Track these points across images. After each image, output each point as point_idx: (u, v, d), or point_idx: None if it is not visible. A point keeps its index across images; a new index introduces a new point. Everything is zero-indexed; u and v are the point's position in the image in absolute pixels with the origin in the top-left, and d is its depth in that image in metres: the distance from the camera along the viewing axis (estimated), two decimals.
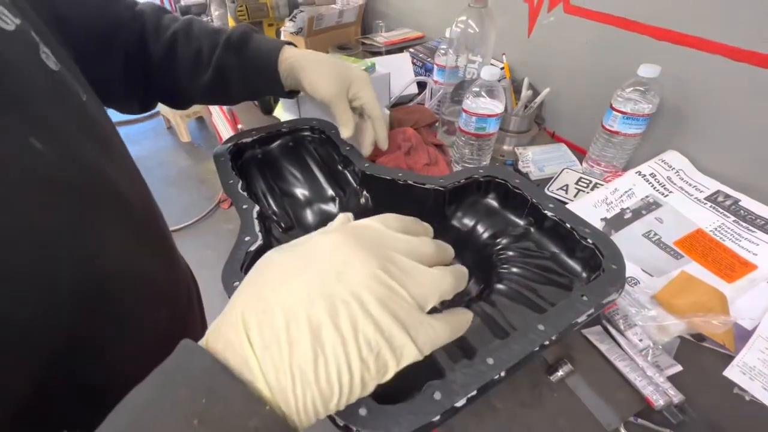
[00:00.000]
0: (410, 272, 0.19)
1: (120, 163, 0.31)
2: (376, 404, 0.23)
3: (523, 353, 0.27)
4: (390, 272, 0.18)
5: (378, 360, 0.18)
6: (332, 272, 0.18)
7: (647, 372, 0.37)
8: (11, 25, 0.23)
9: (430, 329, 0.19)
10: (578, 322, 0.29)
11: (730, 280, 0.44)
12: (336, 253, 0.19)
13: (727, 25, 0.48)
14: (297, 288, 0.17)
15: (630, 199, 0.54)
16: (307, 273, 0.18)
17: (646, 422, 0.34)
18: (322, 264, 0.18)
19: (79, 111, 0.27)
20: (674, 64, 0.53)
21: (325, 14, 0.93)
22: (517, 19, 0.74)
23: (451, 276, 0.21)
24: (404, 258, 0.20)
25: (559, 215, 0.36)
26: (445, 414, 0.24)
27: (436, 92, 0.74)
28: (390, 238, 0.21)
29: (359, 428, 0.22)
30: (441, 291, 0.20)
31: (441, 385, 0.24)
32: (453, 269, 0.22)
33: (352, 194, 0.48)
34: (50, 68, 0.25)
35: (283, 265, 0.19)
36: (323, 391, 0.17)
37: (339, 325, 0.17)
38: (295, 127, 0.52)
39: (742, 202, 0.51)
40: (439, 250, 0.22)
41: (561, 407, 0.36)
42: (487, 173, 0.41)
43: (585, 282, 0.35)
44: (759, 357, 0.38)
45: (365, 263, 0.18)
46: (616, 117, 0.55)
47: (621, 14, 0.58)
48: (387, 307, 0.18)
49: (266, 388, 0.16)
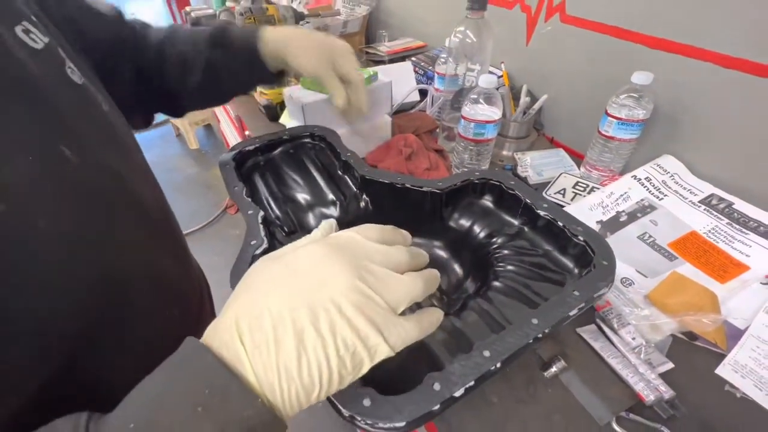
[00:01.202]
0: (384, 280, 0.22)
1: (138, 168, 0.34)
2: (379, 395, 0.25)
3: (517, 345, 0.28)
4: (366, 281, 0.21)
5: (354, 357, 0.20)
6: (315, 282, 0.21)
7: (639, 369, 0.38)
8: (40, 44, 0.25)
9: (401, 329, 0.21)
10: (570, 316, 0.31)
11: (723, 280, 0.45)
12: (318, 264, 0.21)
13: (718, 33, 0.49)
14: (284, 296, 0.20)
15: (625, 203, 0.55)
16: (293, 282, 0.21)
17: (637, 417, 0.35)
18: (307, 274, 0.21)
19: (102, 121, 0.30)
20: (667, 72, 0.54)
21: (330, 25, 0.96)
22: (516, 28, 0.76)
23: (422, 281, 0.23)
24: (379, 267, 0.22)
25: (552, 214, 0.38)
26: (445, 403, 0.25)
27: (437, 100, 0.76)
28: (368, 248, 0.23)
29: (364, 418, 0.24)
30: (412, 295, 0.22)
31: (440, 377, 0.26)
32: (424, 274, 0.24)
33: (352, 198, 0.49)
34: (75, 82, 0.28)
35: (272, 275, 0.22)
36: (305, 385, 0.19)
37: (320, 329, 0.19)
38: (296, 134, 0.54)
39: (735, 205, 0.52)
40: (413, 258, 0.24)
41: (555, 403, 0.37)
42: (483, 175, 0.42)
43: (577, 278, 0.37)
44: (750, 355, 0.39)
45: (344, 274, 0.21)
46: (611, 123, 0.57)
47: (615, 23, 0.60)
48: (363, 312, 0.20)
49: (256, 383, 0.18)
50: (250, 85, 0.55)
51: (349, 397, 0.25)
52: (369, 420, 0.24)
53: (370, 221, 0.50)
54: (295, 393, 0.19)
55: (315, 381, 0.19)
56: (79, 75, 0.28)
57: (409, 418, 0.24)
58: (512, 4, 0.75)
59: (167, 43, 0.46)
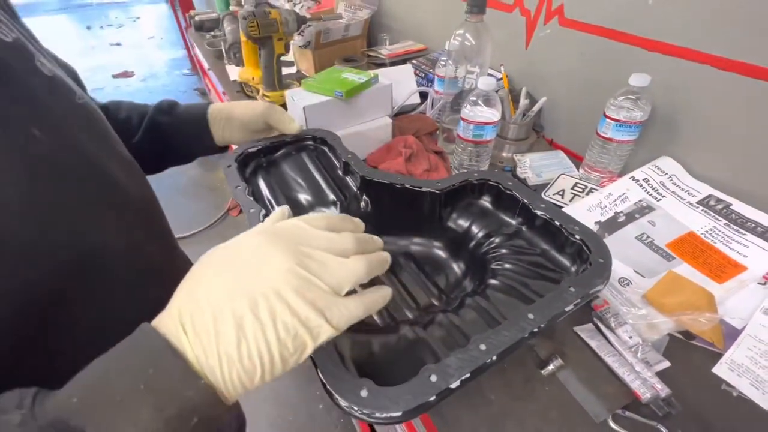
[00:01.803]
0: (326, 264, 0.23)
1: (118, 158, 0.35)
2: (376, 386, 0.25)
3: (513, 339, 0.29)
4: (306, 266, 0.22)
5: (296, 340, 0.21)
6: (254, 269, 0.22)
7: (636, 367, 0.38)
8: (9, 38, 0.28)
9: (344, 309, 0.23)
10: (566, 311, 0.31)
11: (721, 281, 0.45)
12: (258, 251, 0.23)
13: (714, 36, 0.50)
14: (224, 285, 0.21)
15: (624, 203, 0.56)
16: (234, 271, 0.22)
17: (633, 415, 0.36)
18: (247, 263, 0.22)
19: (76, 110, 0.31)
20: (664, 74, 0.55)
21: (332, 28, 0.97)
22: (516, 31, 0.77)
23: (365, 263, 0.24)
24: (321, 252, 0.23)
25: (549, 214, 0.38)
26: (441, 394, 0.26)
27: (437, 102, 0.77)
28: (311, 235, 0.24)
29: (361, 408, 0.24)
30: (355, 277, 0.23)
31: (437, 369, 0.26)
32: (369, 257, 0.25)
33: (352, 199, 0.50)
34: (45, 74, 0.29)
35: (216, 264, 0.23)
36: (247, 368, 0.20)
37: (258, 315, 0.20)
38: (297, 136, 0.55)
39: (733, 206, 0.52)
40: (360, 243, 0.26)
41: (552, 400, 0.37)
42: (481, 176, 0.43)
43: (574, 276, 0.37)
44: (747, 354, 0.40)
45: (283, 260, 0.22)
46: (609, 124, 0.57)
47: (613, 26, 0.60)
48: (303, 295, 0.21)
49: (198, 367, 0.20)
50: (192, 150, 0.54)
51: (346, 389, 0.25)
52: (366, 410, 0.24)
53: (371, 221, 0.51)
54: (237, 376, 0.20)
55: (256, 364, 0.20)
56: (49, 69, 0.30)
57: (405, 408, 0.24)
58: (512, 8, 0.76)
59: (111, 105, 0.48)
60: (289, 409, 1.20)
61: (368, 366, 0.31)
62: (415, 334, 0.36)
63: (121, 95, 3.15)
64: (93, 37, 4.59)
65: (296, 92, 0.67)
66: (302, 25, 0.81)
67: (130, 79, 3.47)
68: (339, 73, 0.69)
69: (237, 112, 0.50)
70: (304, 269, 0.22)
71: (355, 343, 0.34)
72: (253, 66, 0.89)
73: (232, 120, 0.50)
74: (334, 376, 0.26)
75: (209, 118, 0.50)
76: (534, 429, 0.35)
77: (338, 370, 0.26)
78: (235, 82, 1.03)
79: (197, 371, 0.19)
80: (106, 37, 4.55)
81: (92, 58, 3.90)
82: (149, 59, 3.87)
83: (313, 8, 1.28)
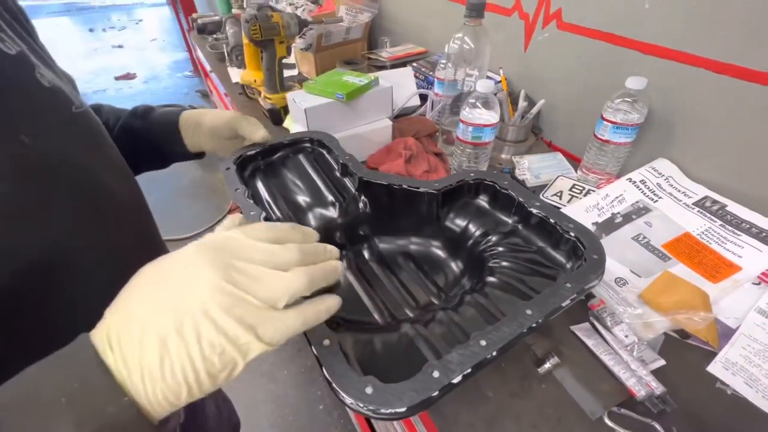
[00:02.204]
0: (259, 278, 0.22)
1: (112, 165, 0.37)
2: (380, 383, 0.26)
3: (512, 335, 0.29)
4: (236, 281, 0.21)
5: (223, 357, 0.21)
6: (183, 285, 0.21)
7: (631, 365, 0.39)
8: (13, 51, 0.29)
9: (279, 323, 0.22)
10: (562, 307, 0.32)
11: (716, 281, 0.46)
12: (189, 267, 0.22)
13: (708, 40, 0.51)
14: (152, 301, 0.21)
15: (621, 205, 0.56)
16: (163, 287, 0.22)
17: (628, 412, 0.36)
18: (177, 279, 0.22)
19: (70, 118, 0.33)
20: (660, 77, 0.56)
21: (333, 31, 0.98)
22: (515, 35, 0.78)
23: (305, 276, 0.23)
24: (255, 265, 0.22)
25: (544, 212, 0.39)
26: (443, 390, 0.26)
27: (437, 104, 0.78)
28: (247, 247, 0.23)
29: (366, 404, 0.25)
30: (291, 290, 0.22)
31: (439, 365, 0.27)
32: (311, 269, 0.24)
33: (351, 200, 0.51)
34: (44, 85, 0.31)
35: (149, 278, 0.23)
36: (171, 386, 0.20)
37: (183, 333, 0.20)
38: (295, 139, 0.56)
39: (728, 207, 0.53)
40: (304, 254, 0.24)
41: (548, 397, 0.38)
42: (477, 176, 0.44)
43: (569, 272, 0.38)
44: (741, 353, 0.40)
45: (212, 276, 0.21)
46: (606, 126, 0.58)
47: (610, 30, 0.61)
48: (231, 312, 0.21)
49: (123, 383, 0.20)
50: (165, 155, 0.54)
51: (352, 386, 0.26)
52: (371, 406, 0.25)
53: (369, 222, 0.52)
54: (161, 393, 0.20)
55: (181, 382, 0.20)
56: (49, 80, 0.32)
57: (409, 403, 0.25)
58: (511, 11, 0.77)
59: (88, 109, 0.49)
60: (289, 410, 1.20)
61: (372, 364, 0.32)
62: (416, 332, 0.37)
63: (124, 97, 3.17)
64: (95, 39, 4.62)
65: (298, 94, 0.68)
66: (303, 28, 0.82)
67: (132, 81, 3.48)
68: (340, 75, 0.70)
69: (206, 118, 0.50)
70: (233, 284, 0.21)
71: (357, 342, 0.35)
72: (255, 68, 0.90)
73: (201, 127, 0.50)
74: (339, 374, 0.27)
75: (180, 124, 0.50)
76: (531, 426, 0.36)
77: (343, 369, 0.27)
78: (237, 84, 1.04)
79: (122, 387, 0.19)
80: (108, 40, 4.58)
81: (95, 60, 3.93)
82: (151, 61, 3.90)
83: (315, 11, 1.29)
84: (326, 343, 0.29)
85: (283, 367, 1.31)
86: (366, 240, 0.51)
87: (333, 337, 0.29)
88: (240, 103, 0.97)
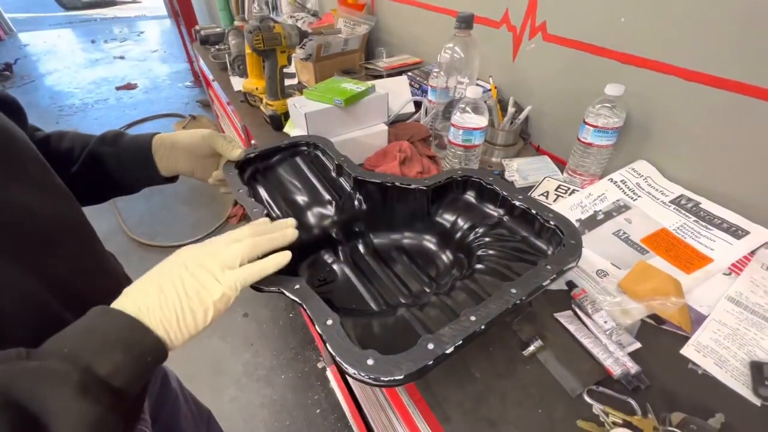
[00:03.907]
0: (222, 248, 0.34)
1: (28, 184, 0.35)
2: (381, 355, 0.29)
3: (499, 311, 0.33)
4: (207, 250, 0.34)
5: (200, 295, 0.31)
6: (173, 259, 0.33)
7: (609, 348, 0.41)
8: None
9: (233, 274, 0.32)
10: (543, 285, 0.35)
11: (689, 271, 0.49)
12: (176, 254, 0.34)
13: (679, 50, 0.55)
14: (152, 273, 0.32)
15: (602, 203, 0.60)
16: (159, 267, 0.33)
17: (606, 390, 0.39)
18: (169, 260, 0.33)
19: None
20: (637, 84, 0.60)
21: (332, 42, 1.03)
22: (503, 46, 0.82)
23: (249, 242, 0.35)
24: (220, 244, 0.35)
25: (526, 204, 0.42)
26: (437, 359, 0.29)
27: (431, 110, 0.82)
28: (218, 239, 0.36)
29: (367, 374, 0.28)
30: (239, 253, 0.34)
31: (433, 338, 0.30)
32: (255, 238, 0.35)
33: (346, 198, 0.54)
34: None
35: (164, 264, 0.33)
36: (165, 314, 0.29)
37: (174, 282, 0.31)
38: (292, 142, 0.59)
39: (702, 204, 0.56)
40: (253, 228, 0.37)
41: (532, 377, 0.40)
42: (464, 173, 0.47)
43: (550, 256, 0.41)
44: (712, 337, 0.43)
45: (191, 252, 0.34)
46: (589, 130, 0.62)
47: (590, 41, 0.66)
48: (202, 266, 0.32)
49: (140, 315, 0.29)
50: (135, 180, 0.53)
51: (354, 358, 0.29)
52: (372, 375, 0.28)
53: (364, 219, 0.55)
54: (159, 320, 0.29)
55: (171, 311, 0.29)
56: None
57: (407, 371, 0.28)
58: (499, 24, 0.82)
59: (54, 136, 0.49)
60: (287, 414, 1.21)
61: (371, 342, 0.34)
62: (412, 314, 0.39)
63: (124, 107, 3.21)
64: (97, 50, 4.69)
65: (298, 100, 0.71)
66: (304, 39, 0.86)
67: (133, 91, 3.54)
68: (338, 83, 0.74)
69: (181, 139, 0.51)
70: (204, 253, 0.33)
71: (357, 324, 0.37)
72: (257, 77, 0.94)
73: (177, 148, 0.51)
74: (343, 348, 0.30)
75: (153, 148, 0.50)
76: (516, 403, 0.38)
77: (346, 344, 0.30)
78: (239, 92, 1.08)
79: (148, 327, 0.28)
80: (110, 51, 4.65)
81: (96, 71, 3.98)
82: (152, 72, 3.96)
83: (315, 23, 1.35)
84: (329, 323, 0.32)
85: (280, 372, 1.32)
86: (361, 236, 0.54)
87: (335, 317, 0.32)
88: (242, 110, 1.00)
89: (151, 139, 0.51)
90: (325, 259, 0.51)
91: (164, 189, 2.29)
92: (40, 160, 0.38)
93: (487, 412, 0.38)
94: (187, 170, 0.53)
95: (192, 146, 0.51)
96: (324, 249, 0.52)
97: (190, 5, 2.67)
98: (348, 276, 0.49)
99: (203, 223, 1.97)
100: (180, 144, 0.51)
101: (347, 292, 0.47)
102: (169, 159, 0.51)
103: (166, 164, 0.51)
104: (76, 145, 0.49)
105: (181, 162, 0.52)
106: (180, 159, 0.52)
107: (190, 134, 0.51)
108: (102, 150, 0.49)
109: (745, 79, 0.50)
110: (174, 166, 0.52)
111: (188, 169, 0.53)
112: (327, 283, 0.48)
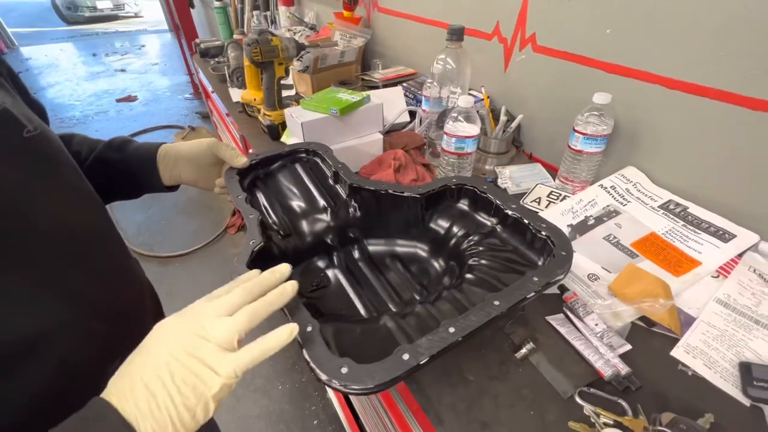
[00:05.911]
0: (213, 327, 0.28)
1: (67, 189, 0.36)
2: (355, 364, 0.29)
3: (479, 323, 0.33)
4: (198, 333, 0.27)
5: (195, 390, 0.26)
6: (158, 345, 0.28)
7: (600, 350, 0.42)
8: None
9: (232, 361, 0.27)
10: (528, 298, 0.35)
11: (678, 274, 0.50)
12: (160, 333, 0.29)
13: (662, 59, 0.57)
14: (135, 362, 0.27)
15: (593, 208, 0.61)
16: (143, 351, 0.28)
17: (597, 391, 0.39)
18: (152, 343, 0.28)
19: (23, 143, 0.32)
20: (624, 93, 0.62)
21: (328, 54, 1.05)
22: (495, 57, 0.85)
23: (246, 315, 0.29)
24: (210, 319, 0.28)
25: (519, 213, 0.43)
26: (410, 370, 0.29)
27: (425, 120, 0.83)
28: (204, 310, 0.29)
29: (339, 381, 0.28)
30: (237, 330, 0.28)
31: (409, 349, 0.30)
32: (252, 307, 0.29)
33: (342, 205, 0.55)
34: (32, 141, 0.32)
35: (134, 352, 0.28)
36: (158, 420, 0.25)
37: (162, 377, 0.26)
38: (292, 149, 0.60)
39: (690, 209, 0.57)
40: (246, 294, 0.30)
41: (525, 380, 0.41)
42: (458, 181, 0.48)
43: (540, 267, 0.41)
44: (701, 339, 0.44)
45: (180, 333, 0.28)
46: (578, 138, 0.63)
47: (578, 52, 0.68)
48: (194, 354, 0.26)
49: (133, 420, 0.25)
50: (138, 186, 0.54)
51: (328, 366, 0.29)
52: (342, 382, 0.28)
53: (359, 225, 0.56)
54: (152, 428, 0.24)
55: (165, 415, 0.25)
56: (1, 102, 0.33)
57: (379, 381, 0.28)
58: (491, 36, 0.84)
59: (63, 139, 0.47)
60: (284, 425, 1.20)
61: (350, 351, 0.35)
62: (395, 323, 0.40)
63: (124, 119, 3.24)
64: (98, 63, 4.76)
65: (295, 110, 0.73)
66: (301, 51, 0.88)
67: (133, 103, 3.58)
68: (334, 93, 0.76)
69: (184, 150, 0.52)
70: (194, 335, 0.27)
71: (338, 331, 0.38)
72: (255, 88, 0.96)
73: (180, 159, 0.52)
74: (318, 355, 0.30)
75: (158, 158, 0.51)
76: (508, 405, 0.39)
77: (322, 351, 0.30)
78: (237, 103, 1.10)
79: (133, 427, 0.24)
80: (111, 64, 4.72)
81: (97, 84, 4.03)
82: (153, 84, 4.01)
83: (312, 36, 1.38)
84: (309, 329, 0.32)
85: (277, 383, 1.31)
86: (356, 242, 0.54)
87: (315, 324, 0.33)
88: (241, 121, 1.02)
89: (157, 149, 0.52)
90: (319, 265, 0.52)
91: (163, 199, 2.30)
92: (72, 164, 0.39)
93: (480, 414, 0.38)
94: (191, 179, 0.54)
95: (196, 155, 0.52)
96: (318, 255, 0.52)
97: (190, 19, 2.72)
98: (340, 282, 0.50)
99: (201, 233, 1.98)
100: (184, 154, 0.52)
101: (338, 297, 0.48)
102: (173, 169, 0.52)
103: (170, 174, 0.53)
104: (84, 148, 0.50)
105: (184, 172, 0.53)
106: (184, 169, 0.53)
107: (194, 144, 0.52)
108: (109, 156, 0.50)
109: (725, 87, 0.51)
110: (178, 176, 0.53)
111: (191, 179, 0.54)
112: (319, 288, 0.49)
